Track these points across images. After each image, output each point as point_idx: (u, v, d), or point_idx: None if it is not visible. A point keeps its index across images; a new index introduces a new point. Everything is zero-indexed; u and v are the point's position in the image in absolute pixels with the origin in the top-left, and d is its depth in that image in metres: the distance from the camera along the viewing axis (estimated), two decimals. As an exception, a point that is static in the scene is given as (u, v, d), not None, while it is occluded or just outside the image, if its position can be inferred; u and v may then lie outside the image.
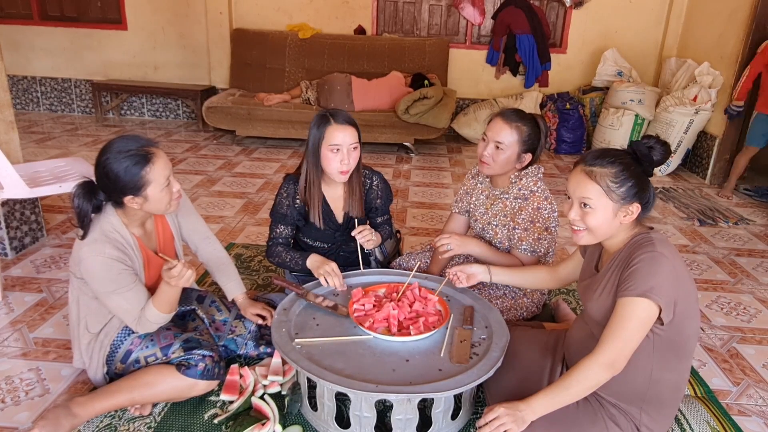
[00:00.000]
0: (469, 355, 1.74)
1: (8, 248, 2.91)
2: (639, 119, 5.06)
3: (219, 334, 2.06)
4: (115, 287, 1.70)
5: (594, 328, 1.59)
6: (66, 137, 5.45)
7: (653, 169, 1.55)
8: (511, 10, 5.61)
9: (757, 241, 3.62)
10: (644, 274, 1.42)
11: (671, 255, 1.46)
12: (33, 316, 2.41)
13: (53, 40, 6.16)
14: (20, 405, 1.89)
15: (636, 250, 1.48)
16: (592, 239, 1.58)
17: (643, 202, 1.52)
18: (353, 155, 2.12)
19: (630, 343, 1.43)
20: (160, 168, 1.69)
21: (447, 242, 2.14)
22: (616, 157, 1.51)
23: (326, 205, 2.27)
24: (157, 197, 1.71)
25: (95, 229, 1.72)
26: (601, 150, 1.56)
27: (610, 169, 1.49)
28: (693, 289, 1.52)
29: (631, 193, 1.49)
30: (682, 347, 1.52)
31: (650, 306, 1.40)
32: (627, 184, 1.48)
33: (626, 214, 1.51)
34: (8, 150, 2.90)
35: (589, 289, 1.63)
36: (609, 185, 1.48)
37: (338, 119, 2.09)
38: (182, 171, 4.59)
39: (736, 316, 2.67)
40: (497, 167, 2.18)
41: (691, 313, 1.50)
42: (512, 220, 2.22)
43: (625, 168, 1.49)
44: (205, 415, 1.84)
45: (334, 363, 1.68)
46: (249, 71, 5.83)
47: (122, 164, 1.64)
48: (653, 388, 1.53)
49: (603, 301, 1.54)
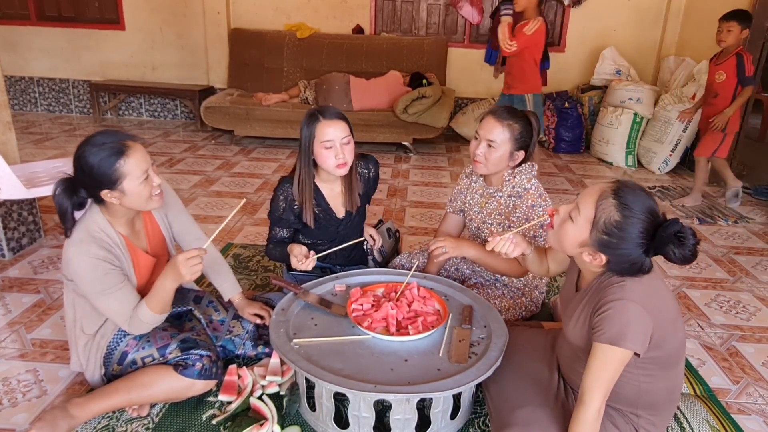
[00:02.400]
0: (467, 355, 1.73)
1: (5, 249, 2.90)
2: (638, 118, 5.05)
3: (216, 334, 2.06)
4: (103, 287, 1.67)
5: (577, 351, 1.58)
6: (64, 138, 5.43)
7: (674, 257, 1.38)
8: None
9: (756, 240, 3.62)
10: (613, 323, 1.38)
11: (642, 291, 1.41)
12: (30, 317, 2.41)
13: (51, 41, 6.14)
14: (18, 406, 1.88)
15: (604, 293, 1.44)
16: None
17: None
18: (347, 149, 2.11)
19: (611, 383, 1.42)
20: (135, 161, 1.66)
21: (442, 245, 2.11)
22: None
23: (325, 203, 2.27)
24: (135, 191, 1.68)
25: (81, 229, 1.70)
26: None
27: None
28: (671, 307, 1.49)
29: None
30: (666, 361, 1.50)
31: (623, 351, 1.38)
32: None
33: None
34: (5, 151, 2.89)
35: (569, 307, 1.62)
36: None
37: (327, 115, 2.09)
38: (180, 171, 4.58)
39: (735, 315, 2.67)
40: (490, 166, 2.18)
41: (670, 331, 1.47)
42: (507, 218, 2.22)
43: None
44: (203, 415, 1.83)
45: (332, 363, 1.67)
46: (247, 71, 5.82)
47: (97, 156, 1.62)
48: (645, 397, 1.53)
49: (579, 330, 1.54)
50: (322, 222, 2.28)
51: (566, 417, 1.53)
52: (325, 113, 2.10)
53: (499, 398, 1.71)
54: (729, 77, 3.85)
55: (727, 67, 3.86)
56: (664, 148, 4.97)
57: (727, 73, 3.86)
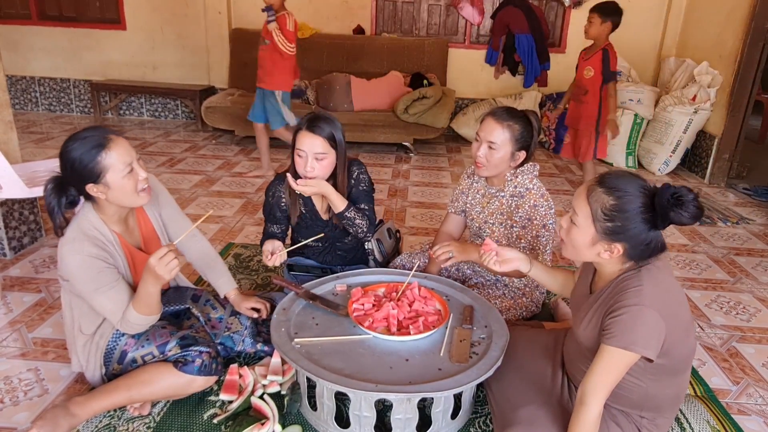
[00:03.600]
0: (468, 355, 1.74)
1: (7, 248, 2.91)
2: (638, 119, 5.06)
3: (215, 332, 2.06)
4: (96, 286, 1.67)
5: (585, 351, 1.58)
6: (65, 137, 5.39)
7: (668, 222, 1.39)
8: (510, 9, 5.61)
9: (756, 241, 3.62)
10: (627, 327, 1.37)
11: (659, 297, 1.40)
12: (32, 316, 2.41)
13: (52, 40, 6.14)
14: (19, 405, 1.88)
15: (621, 297, 1.42)
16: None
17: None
18: (318, 165, 2.08)
19: (613, 386, 1.42)
20: (117, 153, 1.66)
21: (448, 250, 2.07)
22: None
23: (311, 204, 2.30)
24: (119, 184, 1.67)
25: (74, 228, 1.70)
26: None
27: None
28: (685, 314, 1.48)
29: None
30: (675, 367, 1.50)
31: (632, 356, 1.38)
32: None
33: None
34: (7, 150, 2.89)
35: (580, 309, 1.61)
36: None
37: (310, 125, 2.06)
38: (181, 171, 4.59)
39: (735, 316, 2.67)
40: (492, 167, 2.18)
41: (683, 338, 1.46)
42: (509, 218, 2.22)
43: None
44: (204, 414, 1.83)
45: (333, 362, 1.67)
46: (248, 71, 5.77)
47: (78, 150, 1.64)
48: (650, 401, 1.53)
49: (590, 332, 1.53)
50: (309, 222, 2.31)
51: (568, 416, 1.53)
52: (310, 123, 2.07)
53: (502, 398, 1.72)
54: (597, 73, 3.73)
55: (594, 62, 3.73)
56: (664, 149, 4.97)
57: (595, 69, 3.74)
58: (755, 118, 5.78)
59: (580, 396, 1.44)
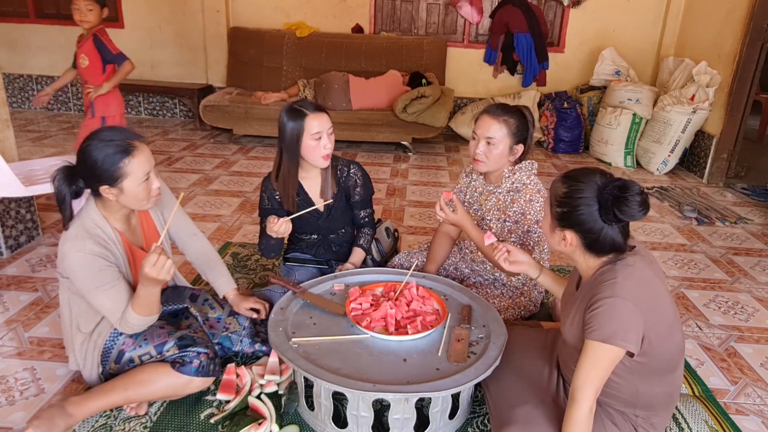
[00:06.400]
0: (466, 355, 1.73)
1: (3, 247, 2.90)
2: (637, 118, 5.06)
3: (213, 332, 2.05)
4: (97, 284, 1.67)
5: (571, 350, 1.58)
6: (62, 136, 5.42)
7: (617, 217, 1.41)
8: (508, 8, 5.60)
9: (754, 240, 3.62)
10: (604, 320, 1.39)
11: (634, 289, 1.41)
12: (28, 315, 2.40)
13: (49, 38, 6.12)
14: (15, 405, 1.87)
15: (596, 290, 1.44)
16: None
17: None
18: (332, 138, 2.19)
19: (602, 381, 1.42)
20: (140, 162, 1.66)
21: (453, 196, 2.12)
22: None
23: (306, 195, 2.30)
24: (133, 191, 1.68)
25: (76, 225, 1.70)
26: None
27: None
28: (668, 311, 1.48)
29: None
30: (663, 367, 1.50)
31: (614, 349, 1.38)
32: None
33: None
34: (4, 148, 2.88)
35: (567, 306, 1.62)
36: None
37: (312, 109, 2.14)
38: (179, 170, 4.58)
39: (733, 315, 2.67)
40: (491, 163, 2.19)
41: (667, 336, 1.46)
42: (503, 212, 2.22)
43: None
44: (201, 414, 1.83)
45: (331, 362, 1.67)
46: (246, 70, 5.81)
47: (102, 152, 1.62)
48: (642, 400, 1.53)
49: (575, 330, 1.54)
50: (303, 207, 2.30)
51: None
52: (308, 107, 2.15)
53: (499, 397, 1.72)
54: (93, 61, 3.52)
55: (88, 51, 3.50)
56: (662, 149, 4.97)
57: (90, 57, 3.51)
58: (754, 117, 5.78)
59: (571, 393, 1.45)
